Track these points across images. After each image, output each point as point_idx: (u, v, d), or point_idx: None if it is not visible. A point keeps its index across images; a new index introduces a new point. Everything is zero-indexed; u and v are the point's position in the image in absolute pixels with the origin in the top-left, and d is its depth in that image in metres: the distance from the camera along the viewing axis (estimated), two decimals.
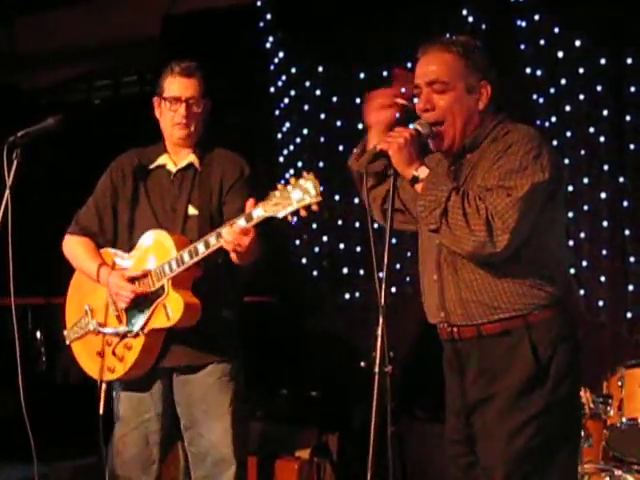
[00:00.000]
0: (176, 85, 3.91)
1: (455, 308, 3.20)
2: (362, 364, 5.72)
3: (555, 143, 5.88)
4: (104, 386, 3.87)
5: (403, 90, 3.43)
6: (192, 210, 3.89)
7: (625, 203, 5.87)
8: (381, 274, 2.99)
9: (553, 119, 6.06)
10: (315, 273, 7.02)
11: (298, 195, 3.31)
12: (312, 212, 3.34)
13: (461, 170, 3.25)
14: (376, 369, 2.93)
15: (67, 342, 4.07)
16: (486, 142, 3.21)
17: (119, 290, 3.80)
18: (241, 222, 3.49)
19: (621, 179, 5.89)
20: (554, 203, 3.15)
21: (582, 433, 4.25)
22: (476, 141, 3.23)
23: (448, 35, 3.28)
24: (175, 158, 3.99)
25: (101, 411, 3.82)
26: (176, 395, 3.92)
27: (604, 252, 5.87)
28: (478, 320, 3.16)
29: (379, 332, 2.95)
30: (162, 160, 4.00)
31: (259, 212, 3.42)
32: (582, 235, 5.91)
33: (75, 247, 4.04)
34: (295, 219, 3.41)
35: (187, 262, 3.67)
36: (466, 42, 3.24)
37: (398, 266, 6.53)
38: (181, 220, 3.89)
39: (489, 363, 3.16)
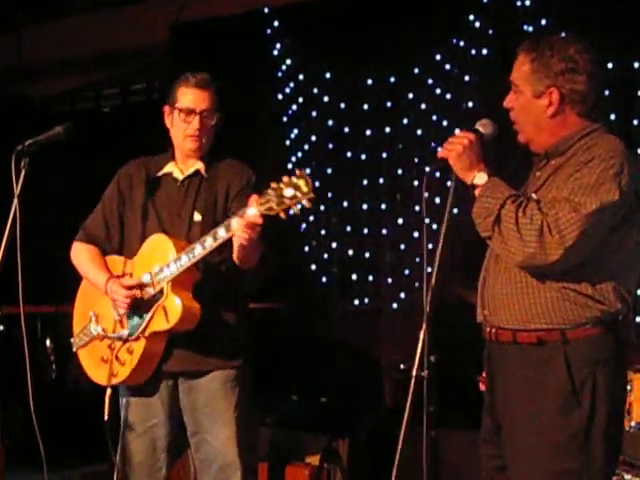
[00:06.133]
0: (191, 97, 3.90)
1: (496, 309, 3.13)
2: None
3: None
4: (109, 391, 3.86)
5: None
6: (197, 216, 3.89)
7: None
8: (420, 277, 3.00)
9: None
10: (324, 279, 7.01)
11: (290, 192, 3.31)
12: (304, 209, 3.34)
13: (542, 176, 3.16)
14: (413, 372, 2.97)
15: (74, 349, 4.08)
16: (571, 151, 3.08)
17: (116, 296, 3.82)
18: (238, 219, 3.47)
19: None
20: (627, 227, 3.01)
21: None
22: (559, 148, 3.12)
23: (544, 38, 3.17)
24: (182, 166, 3.99)
25: (106, 417, 3.81)
26: (182, 401, 3.92)
27: None
28: (515, 325, 3.07)
29: (421, 336, 2.98)
30: (169, 168, 4.00)
31: (252, 211, 3.40)
32: None
33: (82, 255, 4.04)
34: (304, 226, 3.42)
35: (185, 263, 3.65)
36: (547, 44, 3.13)
37: (407, 272, 6.54)
38: (186, 226, 3.88)
39: (522, 372, 3.05)
